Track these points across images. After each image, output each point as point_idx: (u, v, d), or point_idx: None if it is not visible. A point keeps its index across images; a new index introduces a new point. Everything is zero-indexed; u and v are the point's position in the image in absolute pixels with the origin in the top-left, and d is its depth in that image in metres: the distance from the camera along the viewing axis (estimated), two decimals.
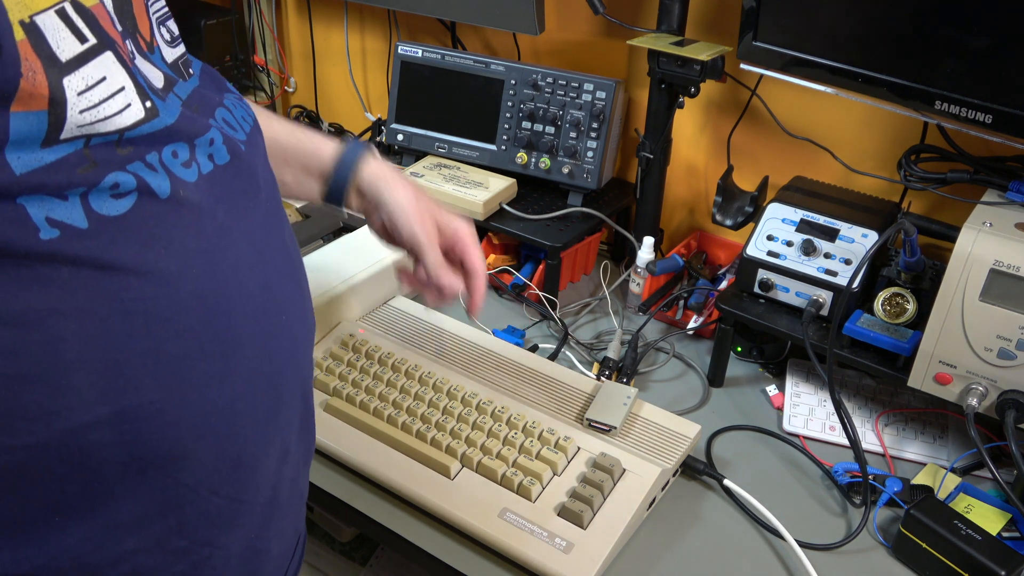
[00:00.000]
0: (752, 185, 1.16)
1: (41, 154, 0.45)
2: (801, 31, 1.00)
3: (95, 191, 0.47)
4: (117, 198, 0.48)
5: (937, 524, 0.81)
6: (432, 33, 1.54)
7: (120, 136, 0.48)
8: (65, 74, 0.45)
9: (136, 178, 0.49)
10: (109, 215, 0.48)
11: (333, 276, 1.08)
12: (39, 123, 0.44)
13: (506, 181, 1.27)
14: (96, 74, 0.47)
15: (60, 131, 0.45)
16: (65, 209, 0.46)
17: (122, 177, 0.48)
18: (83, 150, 0.47)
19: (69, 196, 0.46)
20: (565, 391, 0.98)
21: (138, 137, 0.50)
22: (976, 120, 0.88)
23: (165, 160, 0.51)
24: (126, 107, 0.48)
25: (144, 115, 0.50)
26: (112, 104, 0.48)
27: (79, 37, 0.46)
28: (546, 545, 0.80)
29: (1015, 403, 0.83)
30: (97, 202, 0.48)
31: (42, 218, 0.45)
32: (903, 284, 0.96)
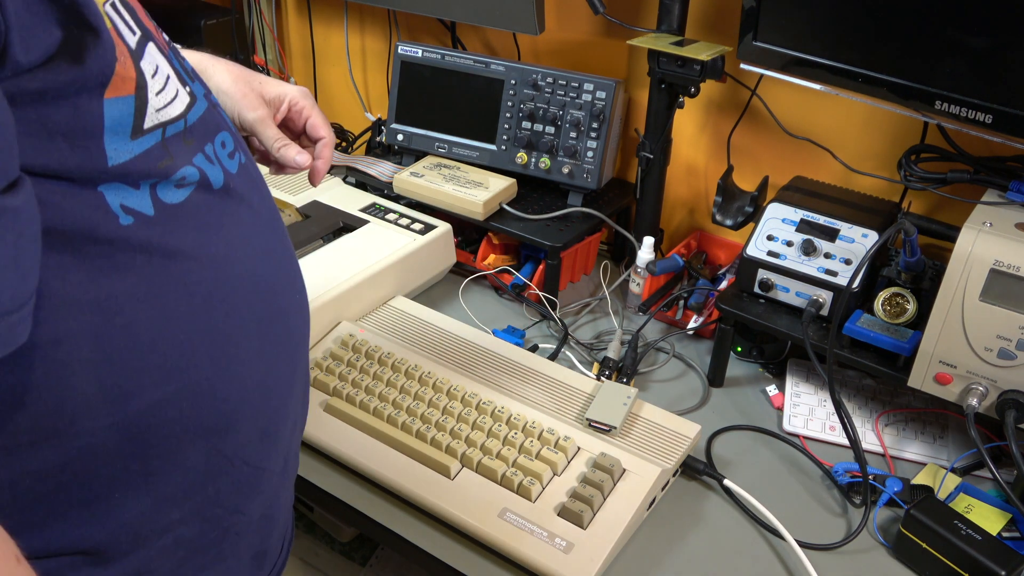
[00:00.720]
0: (752, 185, 1.16)
1: (131, 145, 0.47)
2: (801, 31, 1.00)
3: (164, 182, 0.50)
4: (180, 187, 0.51)
5: (937, 524, 0.81)
6: (432, 33, 1.54)
7: (185, 124, 0.51)
8: (139, 59, 0.47)
9: (199, 171, 0.52)
10: (170, 203, 0.51)
11: (333, 276, 1.08)
12: (127, 108, 0.46)
13: (506, 181, 1.27)
14: (153, 61, 0.49)
15: (144, 118, 0.48)
16: (136, 197, 0.49)
17: (189, 171, 0.52)
18: (162, 143, 0.49)
19: (141, 185, 0.49)
20: (565, 391, 0.98)
21: (194, 127, 0.52)
22: (976, 120, 0.88)
23: (217, 151, 0.55)
24: (176, 95, 0.51)
25: (189, 101, 0.52)
26: (169, 91, 0.50)
27: (130, 28, 0.48)
28: (546, 545, 0.80)
29: (1015, 403, 0.83)
30: (163, 191, 0.50)
31: (118, 205, 0.47)
32: (903, 284, 0.96)
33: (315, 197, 1.29)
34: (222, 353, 0.55)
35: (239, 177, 0.57)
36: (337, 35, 1.67)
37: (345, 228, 1.22)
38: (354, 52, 1.67)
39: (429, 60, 1.34)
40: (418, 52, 1.34)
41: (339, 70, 1.71)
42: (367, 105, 1.71)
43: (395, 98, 1.38)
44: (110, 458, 0.51)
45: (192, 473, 0.56)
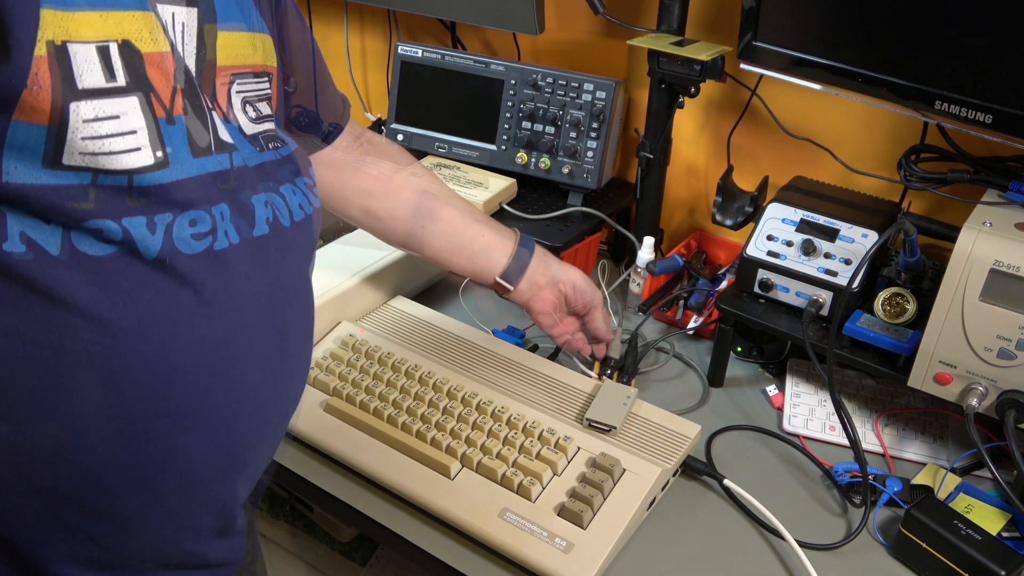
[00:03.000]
0: (752, 185, 1.16)
1: (39, 173, 0.46)
2: (801, 31, 1.00)
3: (77, 228, 0.48)
4: (101, 242, 0.49)
5: (937, 524, 0.81)
6: (432, 33, 1.54)
7: (130, 181, 0.49)
8: (76, 99, 0.47)
9: (123, 231, 0.50)
10: (85, 252, 0.49)
11: (333, 276, 1.08)
12: (38, 136, 0.46)
13: (506, 181, 1.28)
14: (109, 110, 0.48)
15: (61, 153, 0.47)
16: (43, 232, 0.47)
17: (109, 226, 0.49)
18: (89, 186, 0.48)
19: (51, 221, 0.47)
20: (565, 391, 0.98)
21: (151, 188, 0.50)
22: (976, 120, 0.88)
23: (176, 226, 0.52)
24: (133, 149, 0.50)
25: (153, 162, 0.51)
26: (119, 141, 0.49)
27: (108, 75, 0.48)
28: (546, 545, 0.80)
29: (1015, 403, 0.83)
30: (78, 238, 0.49)
31: (16, 231, 0.47)
32: (903, 284, 0.96)
33: None
34: (79, 418, 0.51)
35: (198, 261, 0.54)
36: (337, 35, 1.67)
37: (345, 228, 1.22)
38: (354, 52, 1.67)
39: (429, 60, 1.34)
40: (418, 52, 1.34)
41: (339, 70, 1.71)
42: (367, 105, 1.71)
43: (395, 98, 1.38)
44: None
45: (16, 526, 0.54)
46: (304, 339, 0.68)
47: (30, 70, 0.45)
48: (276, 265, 0.61)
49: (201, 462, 0.59)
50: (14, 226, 0.47)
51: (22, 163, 0.46)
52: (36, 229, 0.47)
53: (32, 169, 0.46)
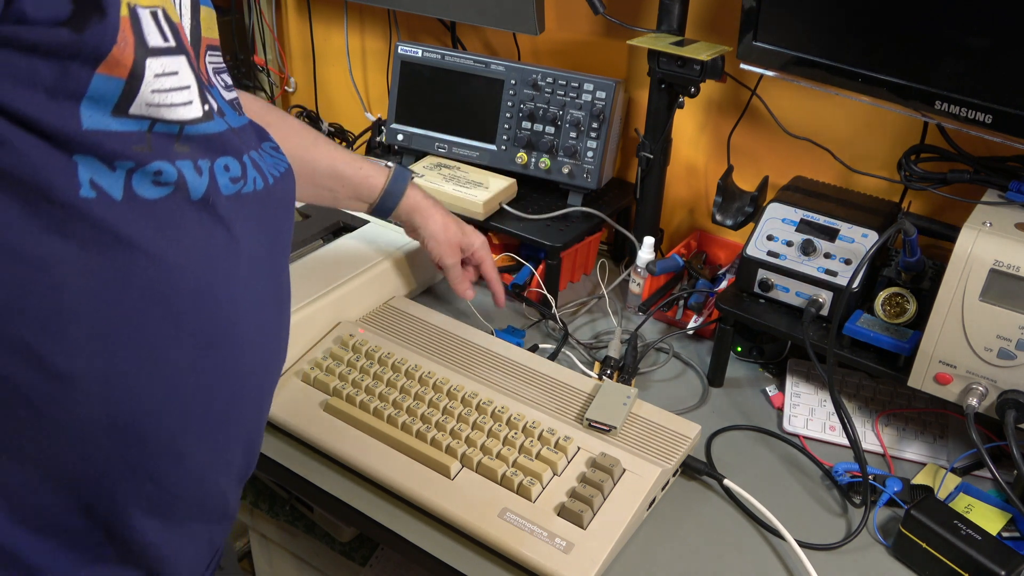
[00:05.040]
0: (752, 185, 1.16)
1: (108, 120, 0.51)
2: (801, 31, 1.00)
3: (140, 172, 0.53)
4: (156, 185, 0.54)
5: (937, 524, 0.81)
6: (432, 33, 1.54)
7: (180, 130, 0.55)
8: (150, 56, 0.52)
9: (178, 173, 0.55)
10: (143, 196, 0.54)
11: (333, 276, 1.08)
12: (115, 88, 0.51)
13: (506, 181, 1.28)
14: (172, 66, 0.54)
15: (130, 103, 0.52)
16: (109, 178, 0.52)
17: (167, 168, 0.54)
18: (146, 132, 0.53)
19: (117, 168, 0.52)
20: (565, 391, 0.98)
21: (195, 137, 0.56)
22: (976, 120, 0.88)
23: (216, 169, 0.58)
24: (189, 103, 0.56)
25: (202, 115, 0.57)
26: (178, 95, 0.55)
27: (163, 37, 0.54)
28: (546, 545, 0.80)
29: (1015, 403, 0.83)
30: (138, 182, 0.53)
31: (87, 179, 0.51)
32: (903, 284, 0.96)
33: None
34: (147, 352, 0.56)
35: (231, 203, 0.59)
36: (337, 35, 1.67)
37: (345, 228, 1.22)
38: (354, 52, 1.67)
39: (429, 60, 1.34)
40: (418, 52, 1.34)
41: (339, 70, 1.71)
42: (367, 105, 1.71)
43: (395, 98, 1.38)
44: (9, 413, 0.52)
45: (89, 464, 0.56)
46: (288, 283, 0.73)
47: (119, 28, 0.50)
48: (276, 214, 0.66)
49: (239, 392, 0.64)
50: (84, 174, 0.51)
51: (95, 112, 0.50)
52: (102, 175, 0.52)
53: (103, 117, 0.51)
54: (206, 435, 0.62)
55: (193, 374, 0.59)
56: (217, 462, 0.65)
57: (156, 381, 0.57)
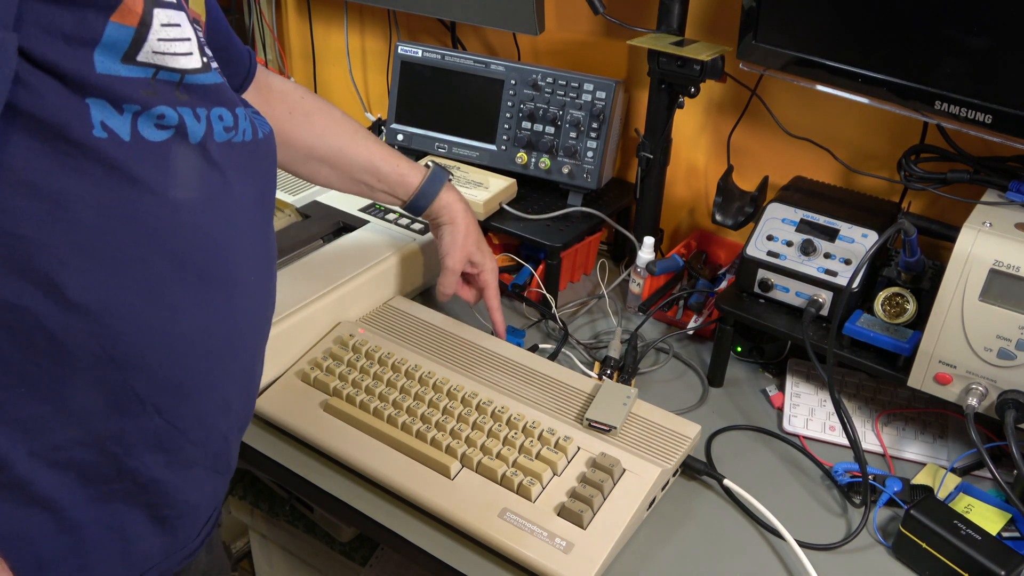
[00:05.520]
0: (752, 185, 1.16)
1: (118, 67, 0.55)
2: (801, 31, 1.00)
3: (145, 115, 0.57)
4: (160, 128, 0.58)
5: (937, 524, 0.81)
6: (432, 33, 1.54)
7: (181, 78, 0.59)
8: (157, 6, 0.56)
9: (179, 117, 0.59)
10: (148, 138, 0.57)
11: (333, 276, 1.08)
12: (126, 36, 0.55)
13: (506, 181, 1.28)
14: (175, 19, 0.58)
15: (138, 51, 0.56)
16: (118, 120, 0.56)
17: (169, 112, 0.58)
18: (151, 79, 0.57)
19: (125, 111, 0.56)
20: (565, 391, 0.98)
21: (194, 86, 0.60)
22: (976, 120, 0.88)
23: (210, 117, 0.62)
24: (189, 54, 0.59)
25: (200, 66, 0.61)
26: (181, 45, 0.59)
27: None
28: (546, 545, 0.80)
29: (1015, 403, 0.83)
30: (143, 124, 0.57)
31: (99, 120, 0.55)
32: (903, 284, 0.96)
33: (315, 197, 1.29)
34: (151, 287, 0.59)
35: (224, 149, 0.63)
36: (337, 35, 1.67)
37: (345, 228, 1.22)
38: (354, 52, 1.67)
39: (429, 60, 1.34)
40: (418, 52, 1.34)
41: (339, 70, 1.71)
42: (367, 105, 1.71)
43: (395, 98, 1.38)
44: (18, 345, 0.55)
45: (98, 397, 0.59)
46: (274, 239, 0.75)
47: None
48: (264, 166, 0.70)
49: (236, 330, 0.67)
50: (96, 116, 0.54)
51: (107, 58, 0.54)
52: (112, 117, 0.55)
53: (114, 63, 0.54)
54: (206, 372, 0.65)
55: (193, 309, 0.62)
56: (217, 401, 0.68)
57: (160, 314, 0.60)
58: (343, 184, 1.06)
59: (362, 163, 1.03)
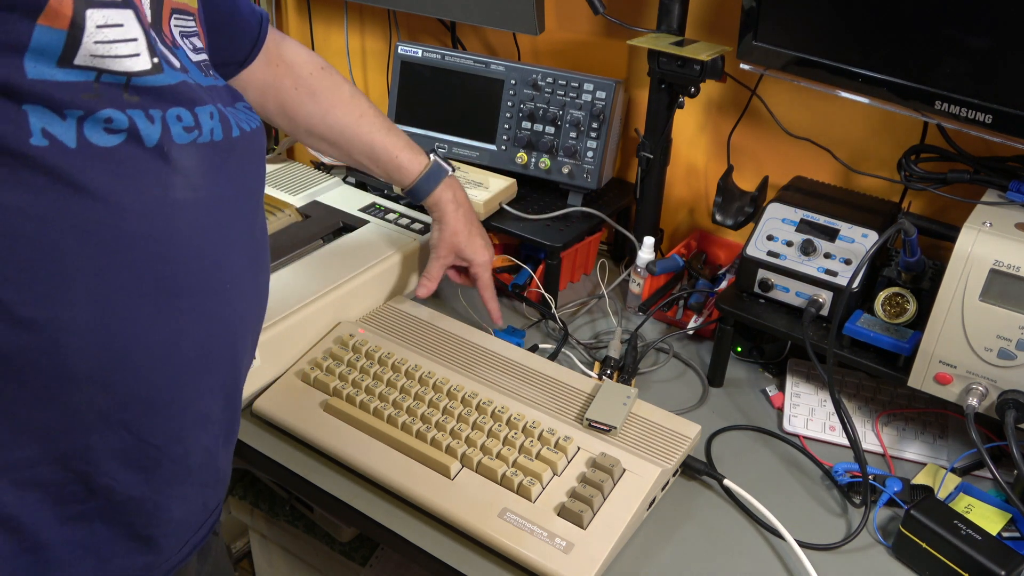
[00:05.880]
0: (752, 185, 1.16)
1: (54, 71, 0.52)
2: (801, 31, 1.00)
3: (91, 119, 0.54)
4: (109, 132, 0.55)
5: (937, 524, 0.81)
6: (432, 33, 1.54)
7: (127, 80, 0.56)
8: (90, 7, 0.53)
9: (129, 120, 0.56)
10: (97, 144, 0.55)
11: (333, 276, 1.08)
12: (57, 40, 0.52)
13: (506, 181, 1.28)
14: (116, 19, 0.55)
15: (74, 55, 0.53)
16: (60, 126, 0.53)
17: (117, 115, 0.55)
18: (93, 82, 0.54)
19: (67, 116, 0.53)
20: (565, 391, 0.98)
21: (144, 88, 0.57)
22: (976, 120, 0.88)
23: (168, 119, 0.59)
24: (135, 55, 0.57)
25: (151, 67, 0.58)
26: (123, 47, 0.56)
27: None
28: (546, 545, 0.80)
29: (1015, 403, 0.83)
30: (90, 130, 0.54)
31: (39, 128, 0.52)
32: (903, 284, 0.96)
33: (315, 197, 1.29)
34: (105, 301, 0.56)
35: (188, 151, 0.60)
36: (337, 35, 1.67)
37: (345, 228, 1.22)
38: (354, 52, 1.67)
39: (429, 60, 1.34)
40: (418, 52, 1.34)
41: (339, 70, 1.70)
42: None
43: (395, 98, 1.38)
44: None
45: (56, 414, 0.57)
46: (264, 238, 0.74)
47: None
48: (242, 166, 0.67)
49: (211, 341, 0.65)
50: (36, 123, 0.52)
51: (40, 63, 0.52)
52: (54, 124, 0.53)
53: (49, 68, 0.52)
54: (177, 386, 0.63)
55: (158, 323, 0.59)
56: (193, 415, 0.65)
57: (120, 329, 0.57)
58: (344, 160, 1.08)
59: (362, 147, 1.04)
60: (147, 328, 0.59)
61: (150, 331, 0.59)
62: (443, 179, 1.07)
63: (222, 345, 0.66)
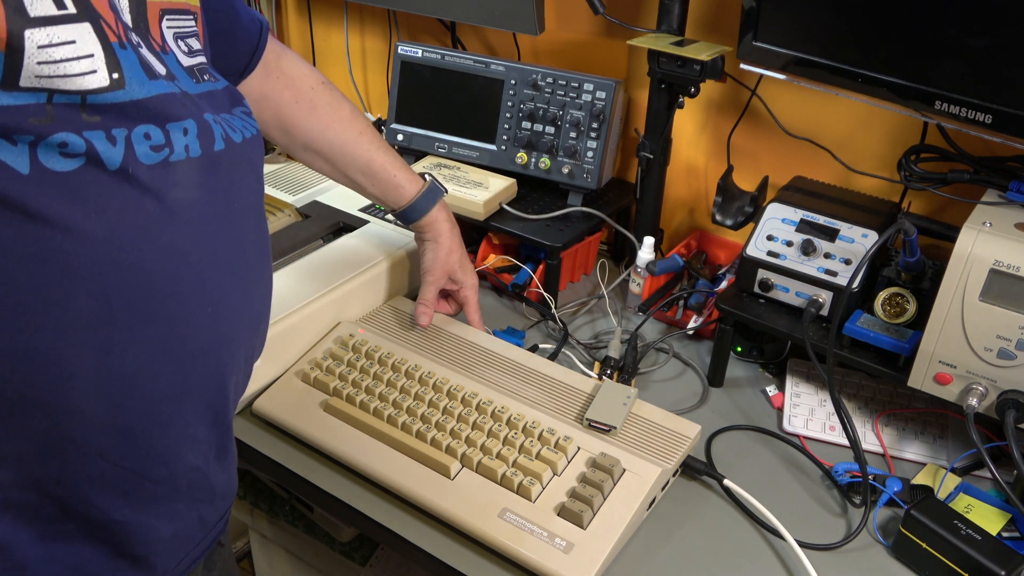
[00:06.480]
0: (752, 185, 1.16)
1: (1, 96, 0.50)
2: (801, 31, 1.00)
3: (44, 144, 0.52)
4: (65, 157, 0.53)
5: (937, 524, 0.81)
6: (432, 33, 1.54)
7: (83, 99, 0.53)
8: (29, 27, 0.50)
9: (87, 143, 0.53)
10: (53, 169, 0.52)
11: (333, 276, 1.08)
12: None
13: (506, 181, 1.28)
14: (66, 35, 0.52)
15: (18, 77, 0.50)
16: (11, 153, 0.51)
17: (72, 139, 0.53)
18: (45, 104, 0.52)
19: (18, 142, 0.51)
20: (565, 391, 0.98)
21: (105, 106, 0.54)
22: (976, 120, 0.88)
23: (133, 138, 0.56)
24: (90, 72, 0.53)
25: (109, 83, 0.54)
26: (75, 64, 0.53)
27: (57, 4, 0.52)
28: (546, 545, 0.80)
29: (1015, 403, 0.83)
30: (44, 155, 0.52)
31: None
32: (903, 284, 0.96)
33: (315, 197, 1.29)
34: (72, 329, 0.55)
35: (158, 171, 0.57)
36: (337, 35, 1.67)
37: (345, 228, 1.22)
38: (354, 52, 1.67)
39: (429, 60, 1.34)
40: (418, 52, 1.34)
41: (339, 70, 1.71)
42: (367, 105, 1.71)
43: (395, 98, 1.38)
44: None
45: (26, 441, 0.56)
46: (261, 251, 0.71)
47: None
48: (230, 179, 0.64)
49: (189, 366, 0.62)
50: None
51: None
52: (3, 150, 0.50)
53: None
54: (157, 412, 0.61)
55: (129, 350, 0.58)
56: (178, 436, 0.64)
57: (91, 358, 0.56)
58: (336, 178, 1.06)
59: (359, 165, 1.02)
60: (125, 356, 0.57)
61: (129, 359, 0.58)
62: (439, 199, 1.07)
63: (204, 368, 0.64)
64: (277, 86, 0.97)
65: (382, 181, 1.04)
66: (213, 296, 0.63)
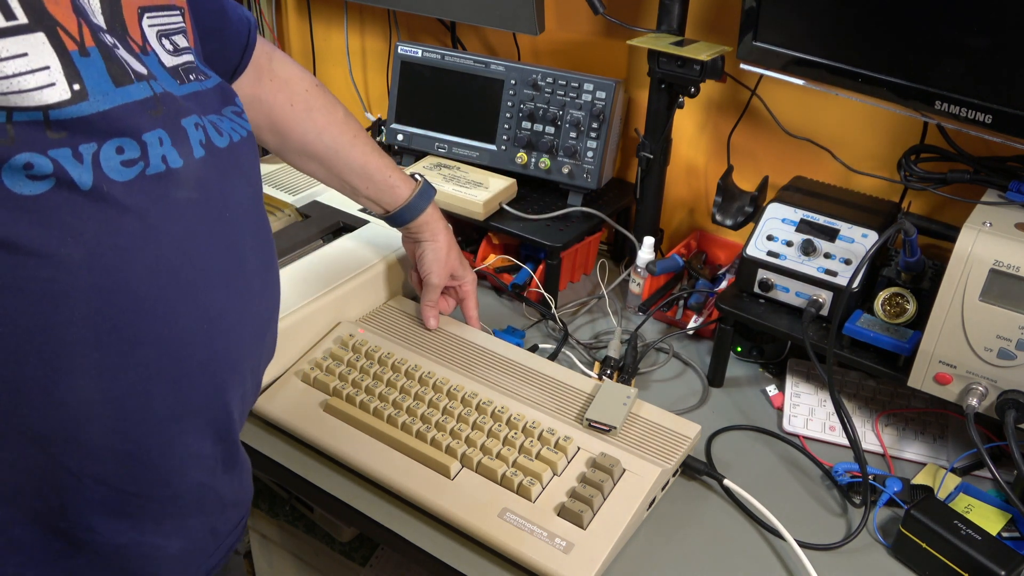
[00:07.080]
0: (752, 185, 1.16)
1: None
2: (801, 31, 1.00)
3: (7, 168, 0.49)
4: (33, 179, 0.50)
5: (937, 524, 0.81)
6: (432, 33, 1.54)
7: (45, 116, 0.50)
8: None
9: (54, 164, 0.50)
10: (20, 193, 0.49)
11: (333, 276, 1.08)
12: None
13: (506, 181, 1.27)
14: (15, 49, 0.49)
15: None
16: None
17: (38, 160, 0.50)
18: (5, 124, 0.49)
19: None
20: (565, 391, 0.98)
21: (69, 121, 0.51)
22: (976, 120, 0.88)
23: (103, 154, 0.52)
24: (48, 85, 0.50)
25: (70, 96, 0.51)
26: (30, 79, 0.49)
27: (6, 15, 0.49)
28: (546, 545, 0.80)
29: (1015, 403, 0.83)
30: (10, 179, 0.49)
31: None
32: (903, 284, 0.96)
33: (315, 197, 1.29)
34: (60, 357, 0.52)
35: (135, 187, 0.54)
36: (337, 35, 1.67)
37: (345, 228, 1.22)
38: (354, 52, 1.67)
39: (429, 60, 1.34)
40: (418, 52, 1.34)
41: (339, 70, 1.71)
42: (367, 105, 1.71)
43: (395, 98, 1.38)
44: None
45: (23, 474, 0.54)
46: (263, 258, 0.69)
47: None
48: (218, 187, 0.61)
49: (186, 386, 0.60)
50: None
51: None
52: None
53: None
54: (156, 434, 0.59)
55: (122, 374, 0.56)
56: (177, 456, 0.62)
57: (79, 386, 0.54)
58: (329, 181, 1.04)
59: (355, 168, 1.01)
60: (108, 381, 0.55)
61: (112, 384, 0.55)
62: (432, 199, 1.06)
63: (203, 386, 0.62)
64: (270, 89, 0.95)
65: (378, 183, 1.03)
66: (209, 312, 0.60)
